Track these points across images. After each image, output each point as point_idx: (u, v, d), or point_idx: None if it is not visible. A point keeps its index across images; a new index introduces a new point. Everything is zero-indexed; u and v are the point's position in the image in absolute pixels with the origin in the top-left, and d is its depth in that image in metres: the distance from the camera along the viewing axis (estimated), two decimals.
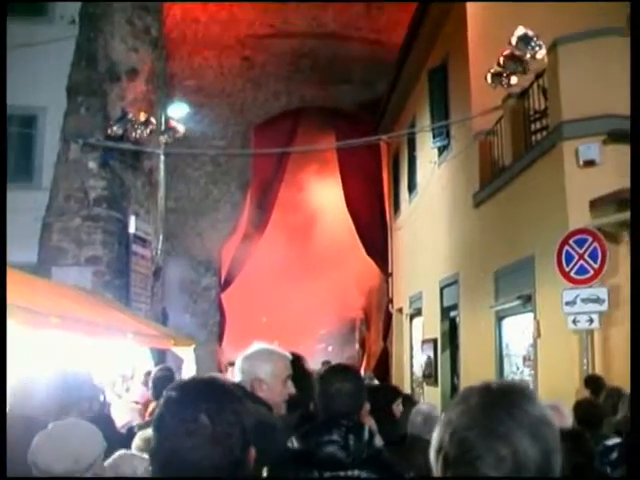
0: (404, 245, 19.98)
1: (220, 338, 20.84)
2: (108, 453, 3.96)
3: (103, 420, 7.13)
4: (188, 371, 11.16)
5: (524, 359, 10.78)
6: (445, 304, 15.06)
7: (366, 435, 3.20)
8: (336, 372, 3.77)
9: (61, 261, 14.40)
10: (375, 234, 22.46)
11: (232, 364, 10.99)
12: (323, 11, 21.53)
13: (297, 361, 4.67)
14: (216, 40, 20.93)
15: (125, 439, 5.67)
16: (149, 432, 4.64)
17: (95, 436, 3.84)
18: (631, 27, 6.57)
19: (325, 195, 23.25)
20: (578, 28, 9.76)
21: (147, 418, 7.64)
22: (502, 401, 1.68)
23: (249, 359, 3.80)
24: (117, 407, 8.17)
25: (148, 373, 9.35)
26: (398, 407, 6.69)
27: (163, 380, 7.59)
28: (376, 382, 14.10)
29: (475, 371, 12.51)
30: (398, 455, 4.69)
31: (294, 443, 3.25)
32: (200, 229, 20.31)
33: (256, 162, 21.36)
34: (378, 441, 3.75)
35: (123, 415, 7.89)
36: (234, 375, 3.90)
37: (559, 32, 9.83)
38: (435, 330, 15.47)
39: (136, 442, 5.19)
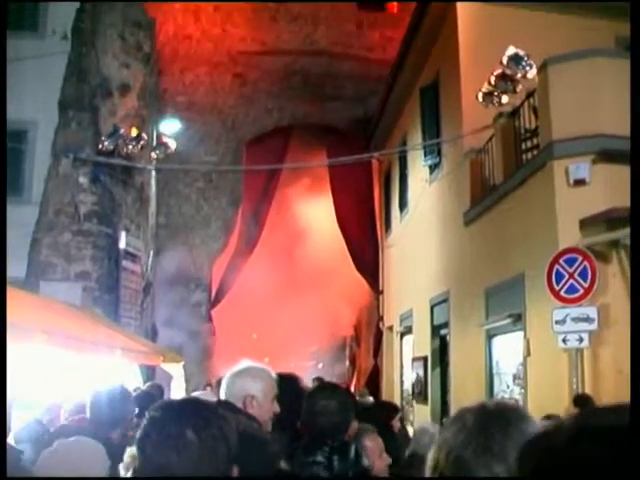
0: (395, 263, 19.98)
1: (210, 354, 20.77)
2: None
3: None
4: (177, 387, 11.12)
5: (514, 377, 10.76)
6: (436, 322, 15.02)
7: (352, 454, 3.16)
8: (322, 390, 3.75)
9: (50, 276, 14.37)
10: (366, 252, 22.44)
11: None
12: (314, 29, 21.69)
13: (293, 381, 4.68)
14: (208, 57, 21.01)
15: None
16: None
17: (99, 454, 3.83)
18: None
19: (316, 212, 23.24)
20: (568, 47, 9.83)
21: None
22: (497, 420, 1.70)
23: (240, 376, 3.83)
24: None
25: (137, 390, 9.28)
26: (397, 423, 6.71)
27: (145, 399, 7.53)
28: (370, 399, 14.03)
29: (465, 389, 12.48)
30: (398, 473, 4.66)
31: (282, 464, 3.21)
32: (191, 245, 20.31)
33: (247, 178, 21.40)
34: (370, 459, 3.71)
35: None
36: (221, 391, 3.90)
37: (550, 51, 9.89)
38: (425, 348, 15.42)
39: (125, 459, 5.12)
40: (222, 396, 3.83)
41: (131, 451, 5.15)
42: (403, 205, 18.57)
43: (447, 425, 1.76)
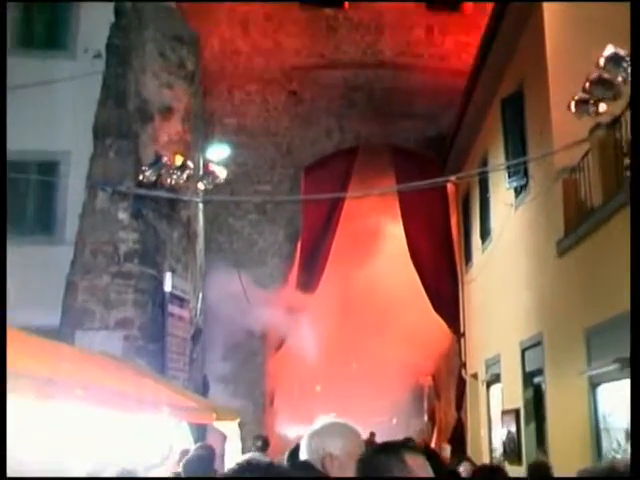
0: (477, 300, 19.82)
1: (266, 409, 20.74)
2: None
3: None
4: (233, 449, 11.06)
5: (627, 434, 10.42)
6: (528, 368, 14.77)
7: None
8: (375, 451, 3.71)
9: (87, 324, 14.38)
10: (443, 287, 22.35)
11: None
12: (378, 37, 21.80)
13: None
14: (259, 73, 21.26)
15: None
16: None
17: None
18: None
19: (386, 243, 23.23)
20: None
21: None
22: None
23: (318, 434, 3.94)
24: None
25: (185, 452, 9.26)
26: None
27: (196, 463, 7.51)
28: (448, 453, 13.80)
29: (567, 447, 12.14)
30: None
31: None
32: (244, 285, 20.24)
33: (307, 208, 21.50)
34: None
35: None
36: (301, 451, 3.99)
37: None
38: (517, 399, 15.17)
39: None
40: (302, 456, 3.93)
41: None
42: (485, 234, 18.45)
43: None
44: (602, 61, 9.85)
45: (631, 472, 3.22)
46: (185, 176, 15.05)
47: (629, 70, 9.61)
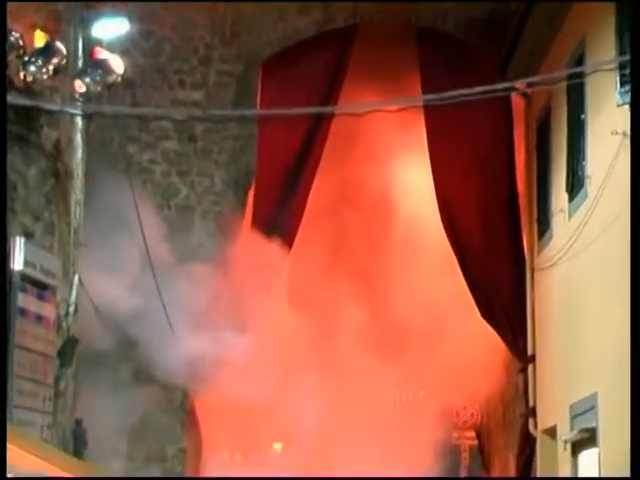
0: (559, 300, 19.54)
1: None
2: None
3: None
4: None
5: None
6: None
7: None
8: None
9: None
10: (499, 276, 22.34)
11: None
12: None
13: None
14: None
15: None
16: None
17: None
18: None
19: (401, 196, 23.08)
20: None
21: None
22: None
23: None
24: None
25: None
26: None
27: None
28: None
29: None
30: None
31: None
32: (154, 264, 19.84)
33: (265, 133, 21.57)
34: None
35: None
36: None
37: None
38: (627, 474, 14.62)
39: None
40: None
41: None
42: (576, 185, 18.17)
43: None
44: None
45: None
46: (51, 68, 15.01)
47: None
